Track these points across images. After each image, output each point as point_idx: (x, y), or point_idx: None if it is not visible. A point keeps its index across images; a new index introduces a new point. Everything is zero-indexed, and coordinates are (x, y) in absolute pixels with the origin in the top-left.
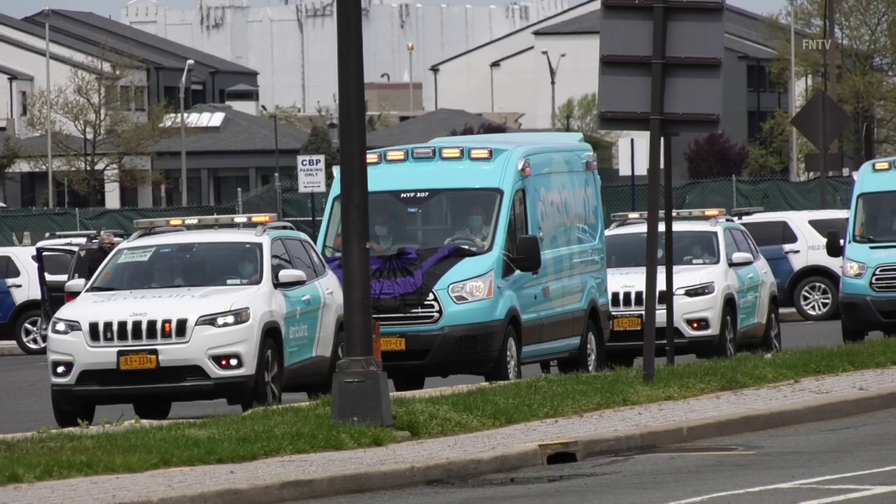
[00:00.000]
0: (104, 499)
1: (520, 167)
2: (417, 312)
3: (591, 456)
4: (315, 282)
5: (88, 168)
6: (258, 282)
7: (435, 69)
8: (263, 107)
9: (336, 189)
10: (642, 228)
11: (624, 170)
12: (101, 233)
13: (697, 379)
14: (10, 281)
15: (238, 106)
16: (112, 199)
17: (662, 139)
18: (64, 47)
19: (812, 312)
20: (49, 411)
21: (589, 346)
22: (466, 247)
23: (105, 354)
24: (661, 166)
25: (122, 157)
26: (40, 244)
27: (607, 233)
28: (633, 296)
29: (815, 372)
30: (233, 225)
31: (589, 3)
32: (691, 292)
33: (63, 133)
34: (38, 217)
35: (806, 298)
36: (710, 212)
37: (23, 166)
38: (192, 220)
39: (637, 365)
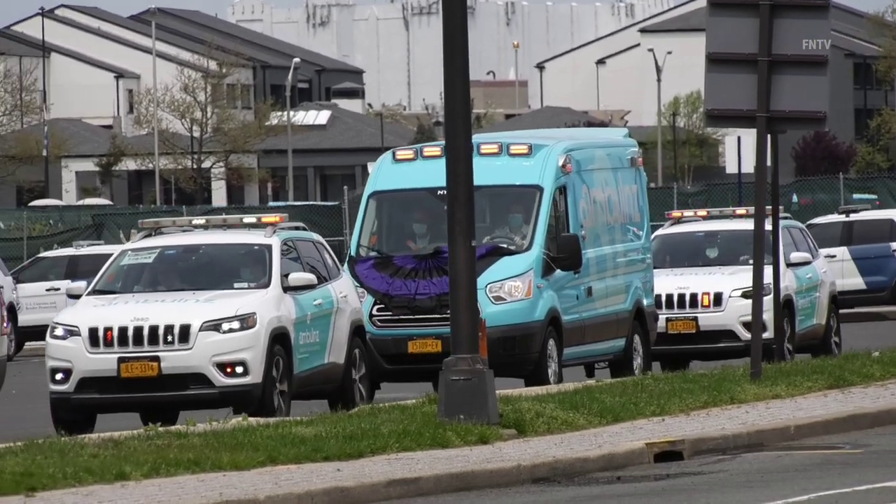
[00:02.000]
0: (211, 497)
1: (560, 163)
2: None
3: (698, 454)
4: (328, 285)
5: (195, 166)
6: (266, 285)
7: (540, 67)
8: (369, 105)
9: (371, 186)
10: (697, 227)
11: (731, 167)
12: None
13: (805, 377)
14: None
15: (344, 104)
16: (219, 197)
17: (769, 137)
18: (170, 45)
19: None
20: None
21: (634, 347)
22: (505, 245)
23: (105, 361)
24: (768, 164)
25: (228, 155)
26: None
27: (660, 232)
28: (687, 298)
29: None
30: (242, 225)
31: (695, 0)
32: (748, 294)
33: (169, 131)
34: (145, 215)
35: None
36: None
37: (130, 164)
38: (200, 221)
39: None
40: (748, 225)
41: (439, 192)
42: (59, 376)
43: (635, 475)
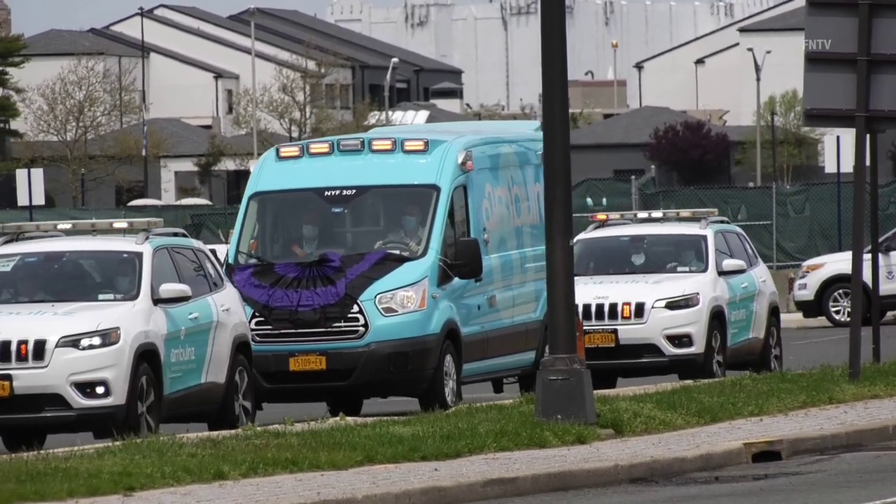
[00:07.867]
0: (309, 496)
1: (460, 160)
2: (340, 327)
3: (797, 454)
4: (208, 297)
5: None
6: (134, 297)
7: (639, 66)
8: (468, 105)
9: (252, 186)
10: (622, 231)
11: (829, 167)
12: None
13: None
14: None
15: (442, 104)
16: None
17: (868, 136)
18: (269, 45)
19: None
20: None
21: None
22: (398, 252)
23: None
24: (867, 163)
25: None
26: None
27: (582, 236)
28: (606, 308)
29: None
30: (112, 231)
31: None
32: (673, 305)
33: (268, 131)
34: None
35: None
36: (700, 212)
37: (228, 164)
38: (66, 225)
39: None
40: (679, 229)
41: (326, 192)
42: None
43: (733, 475)
